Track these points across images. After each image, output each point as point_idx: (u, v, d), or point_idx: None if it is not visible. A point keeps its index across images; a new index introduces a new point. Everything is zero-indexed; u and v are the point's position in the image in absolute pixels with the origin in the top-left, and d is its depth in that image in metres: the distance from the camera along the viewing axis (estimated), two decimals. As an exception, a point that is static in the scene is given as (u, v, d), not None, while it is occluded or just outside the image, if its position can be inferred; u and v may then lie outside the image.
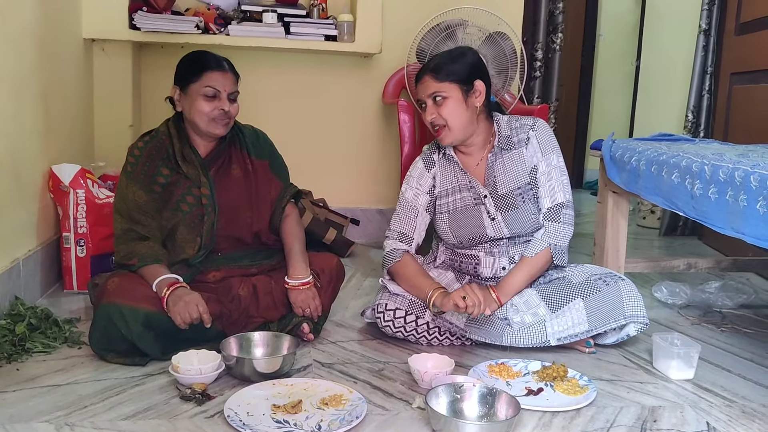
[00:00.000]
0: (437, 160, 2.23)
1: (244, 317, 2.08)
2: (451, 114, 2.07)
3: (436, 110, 2.07)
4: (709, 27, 3.87)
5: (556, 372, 1.87)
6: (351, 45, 3.33)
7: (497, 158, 2.18)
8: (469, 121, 2.10)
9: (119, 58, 3.20)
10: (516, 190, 2.15)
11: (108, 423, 1.57)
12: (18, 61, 2.31)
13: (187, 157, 2.14)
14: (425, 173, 2.23)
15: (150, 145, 2.15)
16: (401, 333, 2.13)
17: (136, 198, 2.08)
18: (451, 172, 2.21)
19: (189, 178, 2.13)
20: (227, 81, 2.09)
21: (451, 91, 2.06)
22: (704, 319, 2.52)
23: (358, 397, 1.69)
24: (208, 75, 2.06)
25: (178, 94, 2.12)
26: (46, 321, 2.10)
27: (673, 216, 4.09)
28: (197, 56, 2.13)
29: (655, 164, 2.18)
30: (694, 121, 3.99)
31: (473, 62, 2.11)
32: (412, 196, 2.22)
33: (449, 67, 2.06)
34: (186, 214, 2.11)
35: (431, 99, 2.08)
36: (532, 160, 2.16)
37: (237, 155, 2.22)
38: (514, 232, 2.16)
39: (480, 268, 2.20)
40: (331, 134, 3.62)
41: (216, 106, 2.07)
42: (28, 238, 2.42)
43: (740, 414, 1.73)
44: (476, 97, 2.09)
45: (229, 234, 2.17)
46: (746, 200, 1.69)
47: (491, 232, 2.16)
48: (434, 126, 2.10)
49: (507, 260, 2.18)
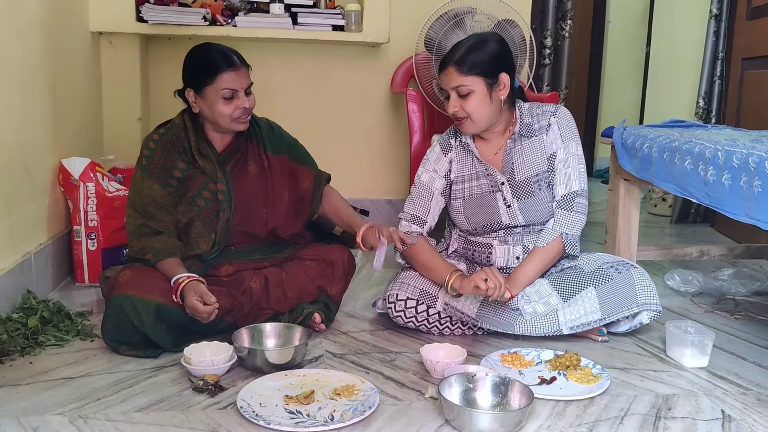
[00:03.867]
0: (454, 145, 2.21)
1: (255, 310, 2.08)
2: (475, 108, 2.04)
3: (459, 103, 2.04)
4: (720, 12, 3.83)
5: (569, 361, 1.86)
6: (358, 35, 3.31)
7: (516, 145, 2.15)
8: (493, 113, 2.07)
9: (127, 50, 3.19)
10: (533, 177, 2.13)
11: (121, 415, 1.57)
12: (25, 54, 2.31)
13: (203, 152, 2.11)
14: (442, 157, 2.21)
15: (165, 137, 2.12)
16: (413, 323, 2.13)
17: (152, 192, 2.06)
18: (468, 159, 2.19)
19: (206, 173, 2.11)
20: (242, 77, 2.06)
21: (476, 84, 2.02)
22: (717, 306, 2.50)
23: (371, 387, 1.69)
24: (222, 77, 2.02)
25: (193, 96, 2.07)
26: (58, 314, 2.11)
27: (685, 203, 4.07)
28: (206, 55, 2.06)
29: (667, 151, 2.16)
30: (705, 107, 3.96)
31: (499, 53, 2.06)
32: (428, 180, 2.21)
33: (474, 60, 2.01)
34: (202, 209, 2.10)
35: (455, 91, 2.05)
36: (551, 147, 2.14)
37: (253, 151, 2.20)
38: (529, 220, 2.14)
39: (493, 257, 2.19)
40: (340, 125, 3.61)
41: (236, 106, 2.04)
42: (39, 232, 2.42)
43: (755, 401, 1.72)
44: (501, 90, 2.06)
45: (243, 230, 2.16)
46: (761, 186, 1.67)
47: (506, 220, 2.14)
48: (456, 117, 2.09)
49: (521, 249, 2.17)
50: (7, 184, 2.16)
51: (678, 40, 4.62)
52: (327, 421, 1.53)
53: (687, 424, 1.59)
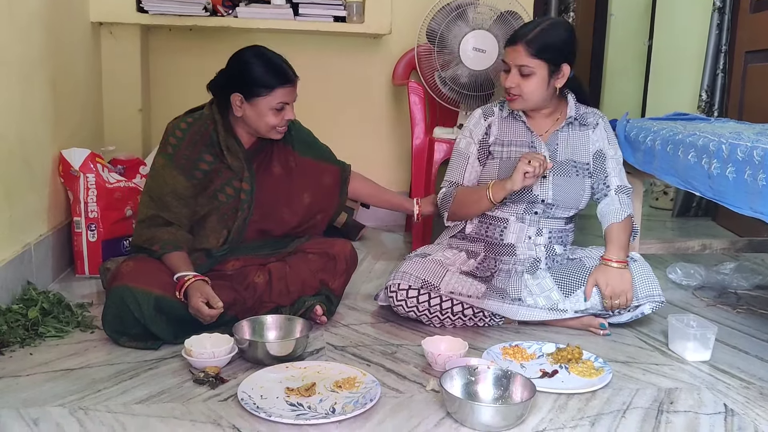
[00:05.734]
0: (497, 112, 2.26)
1: (258, 303, 2.07)
2: (532, 90, 2.10)
3: (518, 80, 2.10)
4: (723, 5, 3.81)
5: (570, 354, 1.85)
6: (360, 26, 3.30)
7: (565, 130, 2.21)
8: (545, 98, 2.15)
9: (127, 41, 3.17)
10: (573, 162, 2.18)
11: (122, 407, 1.57)
12: (25, 45, 2.30)
13: (231, 148, 2.09)
14: (481, 121, 2.26)
15: (194, 127, 2.08)
16: (414, 312, 2.12)
17: (175, 182, 2.03)
18: (514, 127, 2.23)
19: (232, 169, 2.09)
20: (294, 92, 2.07)
21: (540, 69, 2.07)
22: (719, 300, 2.49)
23: (372, 379, 1.69)
24: (281, 91, 2.02)
25: (240, 100, 2.04)
26: (58, 305, 2.11)
27: (687, 197, 4.05)
28: (266, 67, 2.03)
29: (670, 144, 2.15)
30: (707, 100, 3.94)
31: (569, 41, 2.12)
32: (465, 145, 2.27)
33: (546, 44, 2.06)
34: (222, 204, 2.08)
35: (517, 69, 2.09)
36: (597, 144, 2.21)
37: (279, 151, 2.19)
38: (556, 199, 2.16)
39: (507, 232, 2.19)
40: (341, 116, 3.59)
41: (283, 117, 2.05)
42: (39, 223, 2.42)
43: (758, 395, 1.72)
44: (559, 78, 2.12)
45: (259, 228, 2.15)
46: (765, 179, 1.66)
47: (537, 191, 2.16)
48: (510, 92, 2.12)
49: (534, 231, 2.19)
50: (7, 175, 2.15)
51: (681, 33, 4.60)
52: (328, 414, 1.53)
53: (689, 418, 1.59)
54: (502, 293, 2.11)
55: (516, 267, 2.17)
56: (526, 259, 2.18)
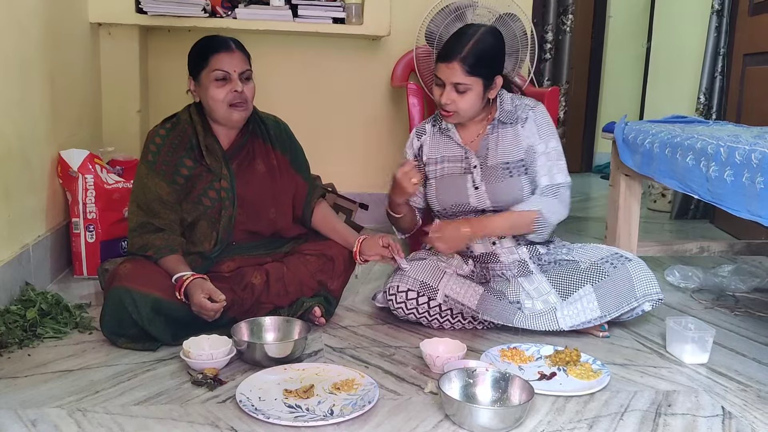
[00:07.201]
0: (429, 129, 2.26)
1: (256, 304, 2.07)
2: (468, 105, 2.08)
3: (454, 97, 2.06)
4: (721, 7, 3.82)
5: (568, 356, 1.85)
6: (359, 27, 3.30)
7: (494, 131, 2.18)
8: (479, 108, 2.13)
9: (126, 42, 3.17)
10: (505, 164, 2.15)
11: (120, 408, 1.57)
12: (24, 45, 2.30)
13: (209, 147, 2.09)
14: (414, 140, 2.28)
15: (172, 133, 2.09)
16: (413, 315, 2.12)
17: (158, 189, 2.03)
18: (444, 143, 2.23)
19: (212, 171, 2.08)
20: (235, 60, 2.04)
21: (476, 85, 2.05)
22: (717, 302, 2.50)
23: (370, 381, 1.69)
24: (214, 58, 2.01)
25: (193, 85, 2.08)
26: (56, 306, 2.10)
27: (685, 199, 4.06)
28: (202, 41, 2.08)
29: (669, 147, 2.15)
30: (706, 103, 3.95)
31: (501, 53, 2.11)
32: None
33: (480, 58, 2.03)
34: (207, 209, 2.07)
35: (452, 86, 2.06)
36: (528, 140, 2.15)
37: (260, 149, 2.18)
38: (496, 204, 2.15)
39: (471, 244, 2.18)
40: (339, 118, 3.59)
41: (229, 89, 2.02)
42: (37, 224, 2.41)
43: (756, 398, 1.72)
44: (492, 90, 2.11)
45: (247, 228, 2.14)
46: (763, 182, 1.66)
47: (474, 201, 2.16)
48: (445, 108, 2.09)
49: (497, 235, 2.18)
50: (5, 176, 2.15)
51: (679, 35, 4.61)
52: (326, 416, 1.53)
53: (687, 421, 1.59)
54: (500, 296, 2.12)
55: (505, 273, 2.18)
56: (512, 263, 2.18)
